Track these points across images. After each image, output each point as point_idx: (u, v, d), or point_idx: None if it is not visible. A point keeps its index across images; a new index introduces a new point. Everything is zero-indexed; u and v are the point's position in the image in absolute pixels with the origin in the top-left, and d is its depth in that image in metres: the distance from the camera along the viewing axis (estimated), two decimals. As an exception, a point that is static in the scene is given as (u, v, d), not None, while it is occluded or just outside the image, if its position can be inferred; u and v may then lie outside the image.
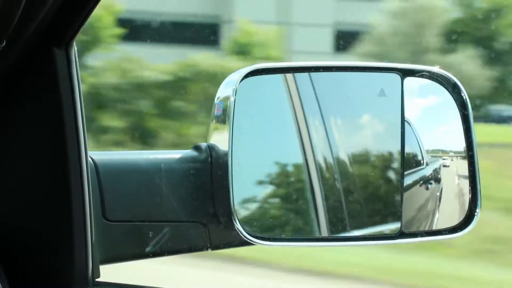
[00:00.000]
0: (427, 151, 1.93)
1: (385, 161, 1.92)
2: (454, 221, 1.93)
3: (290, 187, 1.89)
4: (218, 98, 1.82)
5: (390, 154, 1.90)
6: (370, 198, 1.91)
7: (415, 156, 1.91)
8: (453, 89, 1.93)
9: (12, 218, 1.83)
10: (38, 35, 1.69)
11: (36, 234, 1.81)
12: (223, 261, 7.78)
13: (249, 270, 7.95)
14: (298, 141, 1.86)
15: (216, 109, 1.82)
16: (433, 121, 1.99)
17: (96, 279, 1.82)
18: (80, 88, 1.79)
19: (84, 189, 1.77)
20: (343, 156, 1.88)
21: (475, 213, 1.91)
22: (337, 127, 1.88)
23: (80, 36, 1.75)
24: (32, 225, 1.81)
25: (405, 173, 1.89)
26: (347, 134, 1.90)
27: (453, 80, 1.92)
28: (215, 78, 13.82)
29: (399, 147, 1.89)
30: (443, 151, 1.95)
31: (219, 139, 1.82)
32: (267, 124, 1.87)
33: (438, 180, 1.94)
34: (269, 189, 1.85)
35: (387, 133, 1.92)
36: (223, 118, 1.79)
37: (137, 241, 1.86)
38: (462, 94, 1.92)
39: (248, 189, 1.82)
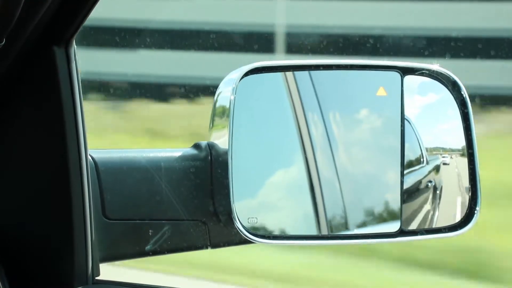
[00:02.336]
0: (427, 149, 1.93)
1: (385, 159, 1.92)
2: (454, 219, 1.93)
3: (290, 185, 1.89)
4: (217, 96, 1.82)
5: (390, 152, 1.90)
6: (370, 196, 1.91)
7: (415, 154, 1.92)
8: (453, 87, 1.93)
9: (12, 217, 1.83)
10: (37, 34, 1.69)
11: (36, 233, 1.81)
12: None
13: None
14: (298, 140, 1.86)
15: (215, 107, 1.82)
16: (433, 119, 1.99)
17: (96, 277, 1.82)
18: (80, 86, 1.79)
19: (84, 187, 1.77)
20: (343, 155, 1.88)
21: (475, 211, 1.91)
22: (337, 125, 1.88)
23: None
24: (32, 224, 1.81)
25: (405, 171, 1.89)
26: (347, 133, 1.90)
27: (453, 78, 1.92)
28: None
29: (399, 145, 1.89)
30: (443, 149, 1.96)
31: (219, 137, 1.82)
32: (267, 122, 1.87)
33: (438, 178, 1.94)
34: (268, 187, 1.85)
35: (387, 131, 1.92)
36: (221, 117, 1.80)
37: (137, 239, 1.86)
38: (462, 92, 1.92)
39: (248, 187, 1.82)
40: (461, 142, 1.93)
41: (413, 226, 1.91)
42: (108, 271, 1.88)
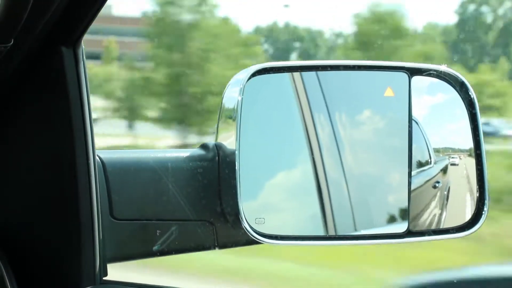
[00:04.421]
0: (435, 150, 1.93)
1: (393, 159, 1.91)
2: (462, 220, 1.93)
3: (297, 186, 1.89)
4: (224, 97, 1.82)
5: (398, 152, 1.90)
6: (377, 196, 1.91)
7: (422, 154, 1.91)
8: (461, 88, 1.93)
9: (21, 217, 1.84)
10: (45, 35, 1.70)
11: (44, 233, 1.82)
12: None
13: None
14: (305, 140, 1.86)
15: (222, 108, 1.83)
16: (440, 120, 1.98)
17: (104, 278, 1.82)
18: (88, 86, 1.79)
19: (91, 188, 1.77)
20: (350, 155, 1.88)
21: (483, 212, 1.91)
22: (344, 126, 1.88)
23: None
24: (40, 224, 1.82)
25: (413, 172, 1.89)
26: (354, 133, 1.90)
27: (461, 79, 1.92)
28: None
29: (406, 146, 1.89)
30: (452, 150, 1.95)
31: (226, 138, 1.82)
32: (274, 123, 1.87)
33: (445, 179, 1.94)
34: (276, 187, 1.85)
35: (395, 132, 1.91)
36: (228, 117, 1.80)
37: (145, 239, 1.86)
38: (470, 93, 1.92)
39: (255, 188, 1.82)
40: (469, 143, 1.93)
41: (421, 226, 1.91)
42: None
